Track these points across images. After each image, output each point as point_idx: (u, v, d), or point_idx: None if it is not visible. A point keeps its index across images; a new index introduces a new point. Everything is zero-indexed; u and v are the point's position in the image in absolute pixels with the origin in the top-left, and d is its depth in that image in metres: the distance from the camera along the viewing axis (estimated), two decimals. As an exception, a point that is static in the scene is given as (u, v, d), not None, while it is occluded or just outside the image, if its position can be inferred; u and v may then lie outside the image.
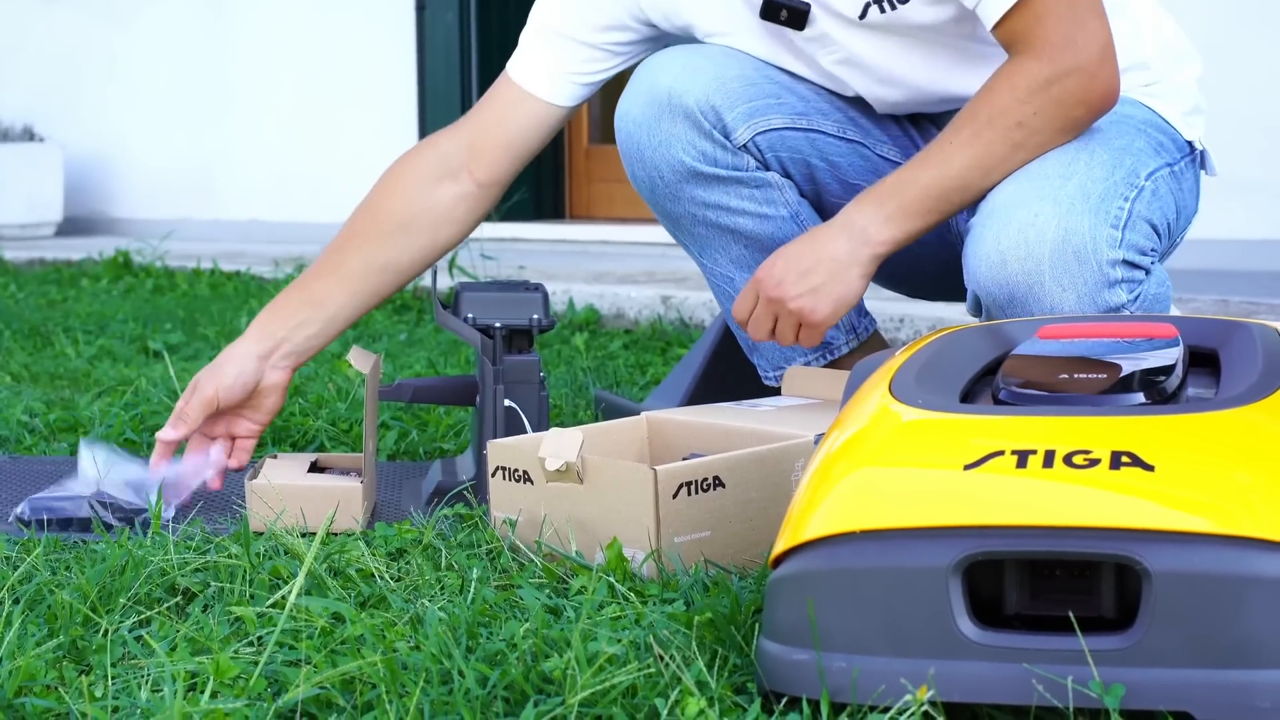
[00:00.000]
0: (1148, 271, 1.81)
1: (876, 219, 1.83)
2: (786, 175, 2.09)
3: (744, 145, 2.05)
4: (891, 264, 1.93)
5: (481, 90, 6.18)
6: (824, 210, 2.12)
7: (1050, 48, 1.80)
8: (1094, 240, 1.75)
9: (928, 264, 2.11)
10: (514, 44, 2.17)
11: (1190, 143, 1.99)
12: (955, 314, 3.41)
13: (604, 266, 4.99)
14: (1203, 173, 2.05)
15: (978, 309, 1.86)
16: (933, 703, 1.20)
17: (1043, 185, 1.78)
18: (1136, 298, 1.79)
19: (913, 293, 2.27)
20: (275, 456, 2.12)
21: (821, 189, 2.11)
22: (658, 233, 5.77)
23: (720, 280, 2.15)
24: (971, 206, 1.86)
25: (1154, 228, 1.84)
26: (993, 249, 1.77)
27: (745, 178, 2.07)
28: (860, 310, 2.18)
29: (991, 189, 1.82)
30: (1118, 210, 1.78)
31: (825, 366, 2.17)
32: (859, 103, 2.10)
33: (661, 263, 5.23)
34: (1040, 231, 1.75)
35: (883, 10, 1.93)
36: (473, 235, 2.40)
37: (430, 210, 2.13)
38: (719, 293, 2.17)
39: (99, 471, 2.02)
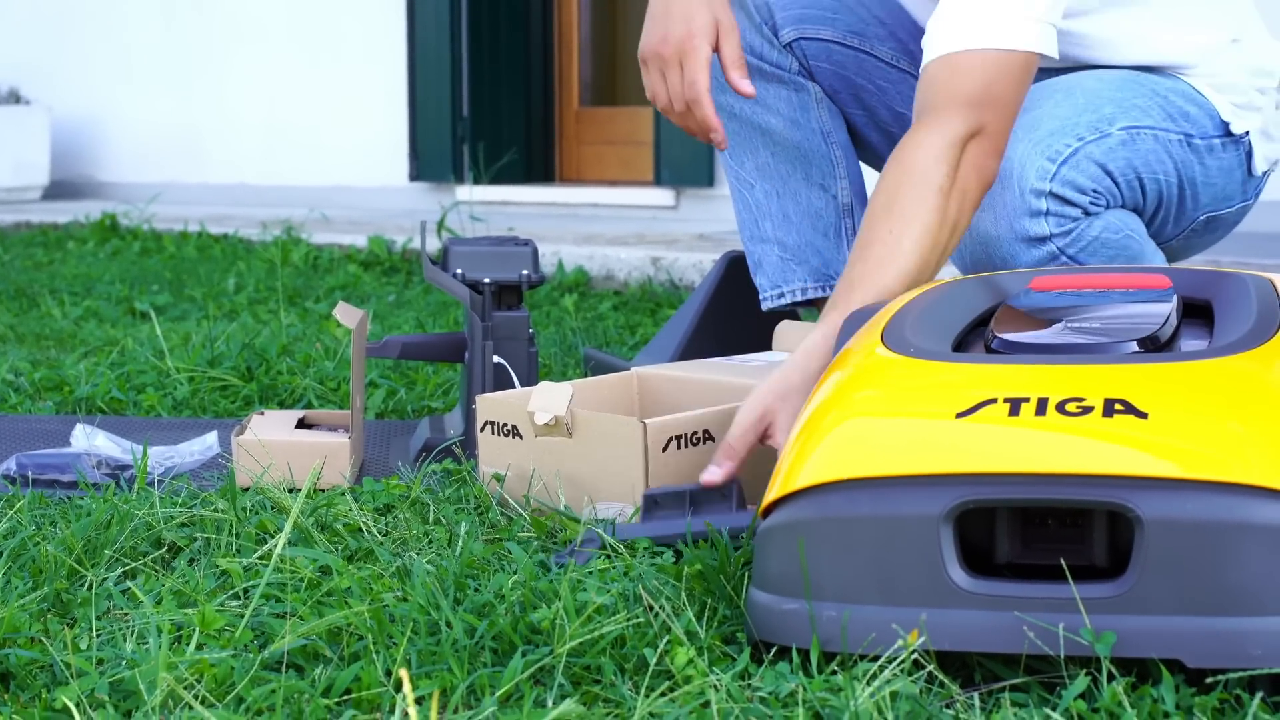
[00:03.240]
0: (1086, 212, 1.82)
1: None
2: (832, 94, 2.15)
3: (788, 46, 2.12)
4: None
5: (472, 55, 6.16)
6: (870, 136, 2.18)
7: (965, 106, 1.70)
8: (1021, 167, 1.78)
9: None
10: (505, 6, 2.14)
11: (1228, 124, 1.95)
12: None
13: (594, 229, 4.97)
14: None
15: None
16: (924, 651, 1.20)
17: None
18: (1067, 234, 1.81)
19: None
20: (262, 413, 2.10)
21: (871, 112, 2.17)
22: (648, 195, 5.76)
23: (741, 185, 2.19)
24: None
25: (1109, 174, 1.83)
26: None
27: (786, 78, 2.14)
28: None
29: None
30: (1061, 145, 1.80)
31: (823, 298, 2.17)
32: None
33: (651, 225, 5.21)
34: None
35: None
36: (462, 197, 2.38)
37: None
38: (736, 197, 2.20)
39: (89, 444, 2.01)
